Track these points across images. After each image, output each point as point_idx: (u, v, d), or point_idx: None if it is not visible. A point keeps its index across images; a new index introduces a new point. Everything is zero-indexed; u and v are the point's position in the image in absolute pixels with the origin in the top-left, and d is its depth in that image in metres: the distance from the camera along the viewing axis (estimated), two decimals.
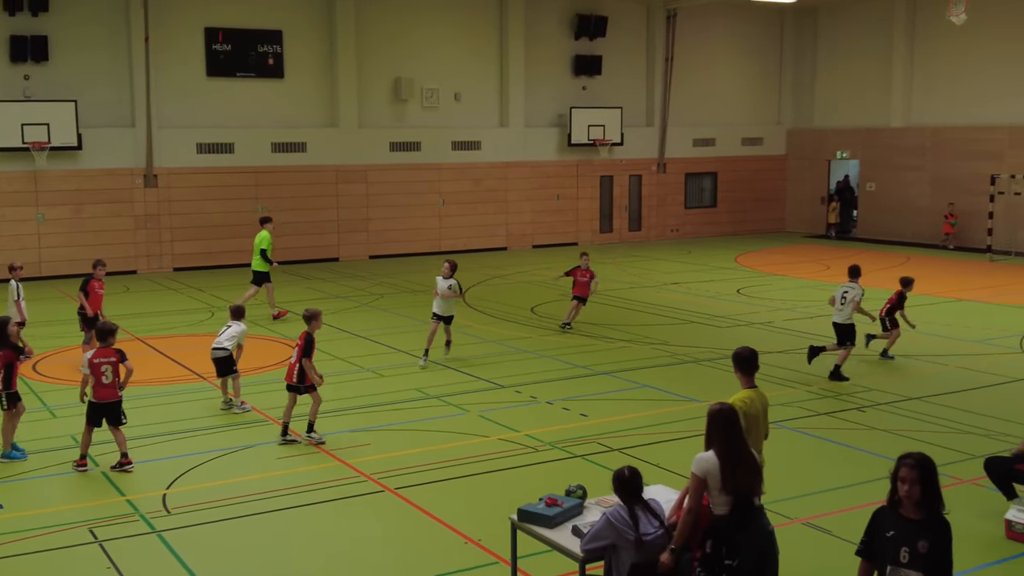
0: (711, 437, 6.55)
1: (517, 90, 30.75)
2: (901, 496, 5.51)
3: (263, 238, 19.44)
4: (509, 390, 13.82)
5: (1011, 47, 28.71)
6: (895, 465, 5.60)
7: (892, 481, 5.59)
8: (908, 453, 5.61)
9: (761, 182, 35.58)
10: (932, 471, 5.51)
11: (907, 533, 5.47)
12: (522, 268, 26.77)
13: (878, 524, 5.66)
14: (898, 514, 5.55)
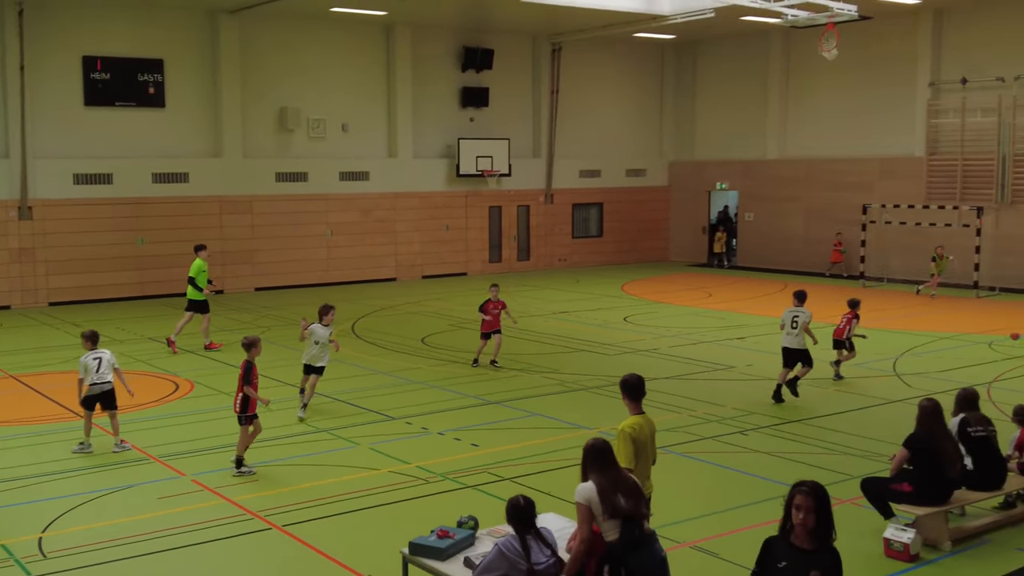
0: (586, 469, 6.76)
1: (405, 121, 30.78)
2: (795, 524, 5.47)
3: (197, 267, 19.26)
4: (400, 422, 13.73)
5: (880, 82, 30.07)
6: (789, 493, 5.55)
7: (786, 509, 5.54)
8: (802, 481, 5.56)
9: (645, 212, 36.34)
10: (826, 500, 5.49)
11: (800, 563, 5.44)
12: (411, 299, 26.69)
13: (769, 554, 5.61)
14: (790, 543, 5.52)
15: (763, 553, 5.65)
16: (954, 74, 28.32)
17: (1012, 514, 9.74)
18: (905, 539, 8.78)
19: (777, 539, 5.61)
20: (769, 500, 10.29)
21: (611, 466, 6.74)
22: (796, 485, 5.53)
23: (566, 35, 32.48)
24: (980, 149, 27.88)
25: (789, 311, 15.10)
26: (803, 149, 32.61)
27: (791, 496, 5.51)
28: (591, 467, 6.72)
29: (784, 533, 5.56)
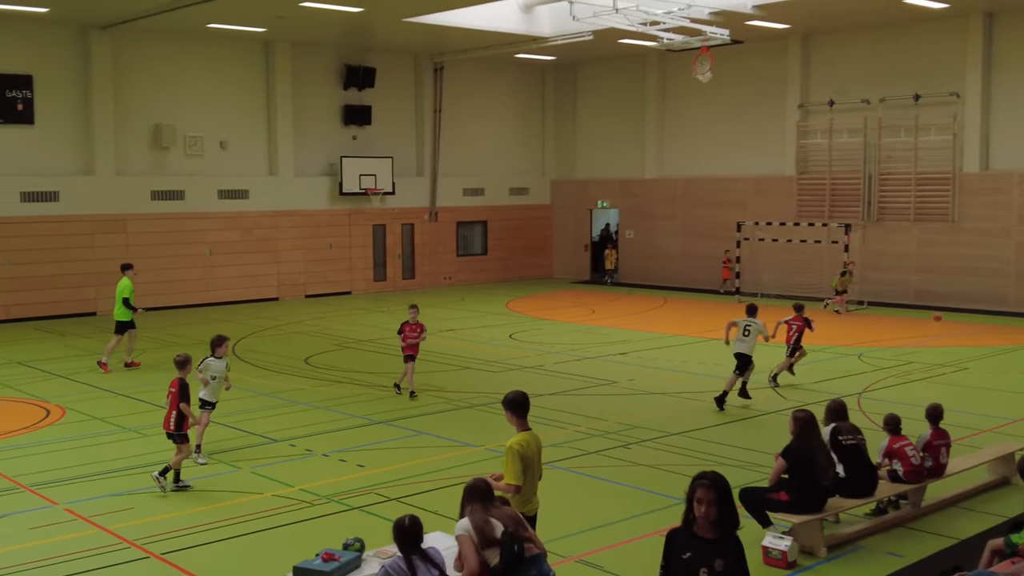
0: (463, 506, 6.92)
1: (286, 139, 30.40)
2: (697, 516, 5.52)
3: (124, 286, 18.98)
4: (283, 444, 13.51)
5: (752, 104, 31.10)
6: (690, 486, 5.59)
7: (687, 502, 5.58)
8: (703, 473, 5.62)
9: (529, 230, 36.69)
10: (727, 490, 5.57)
11: (704, 553, 5.50)
12: (295, 318, 26.31)
13: (673, 546, 5.64)
14: (693, 535, 5.57)
15: (668, 546, 5.68)
16: (822, 96, 29.48)
17: (883, 520, 10.13)
18: (782, 547, 9.04)
19: (680, 531, 5.66)
20: (652, 512, 10.50)
21: (488, 501, 6.91)
22: (697, 477, 5.58)
23: (448, 55, 32.63)
24: (847, 168, 29.07)
25: (743, 321, 15.98)
26: (680, 168, 33.45)
27: (692, 489, 5.56)
28: (468, 503, 6.89)
29: (687, 524, 5.61)
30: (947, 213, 27.16)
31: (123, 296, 18.95)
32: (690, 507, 5.56)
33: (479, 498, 6.89)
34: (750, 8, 24.94)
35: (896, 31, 27.73)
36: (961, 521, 10.25)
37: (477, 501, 6.87)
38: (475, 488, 6.95)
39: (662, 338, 22.62)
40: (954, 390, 16.59)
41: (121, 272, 19.40)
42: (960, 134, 26.81)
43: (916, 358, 19.57)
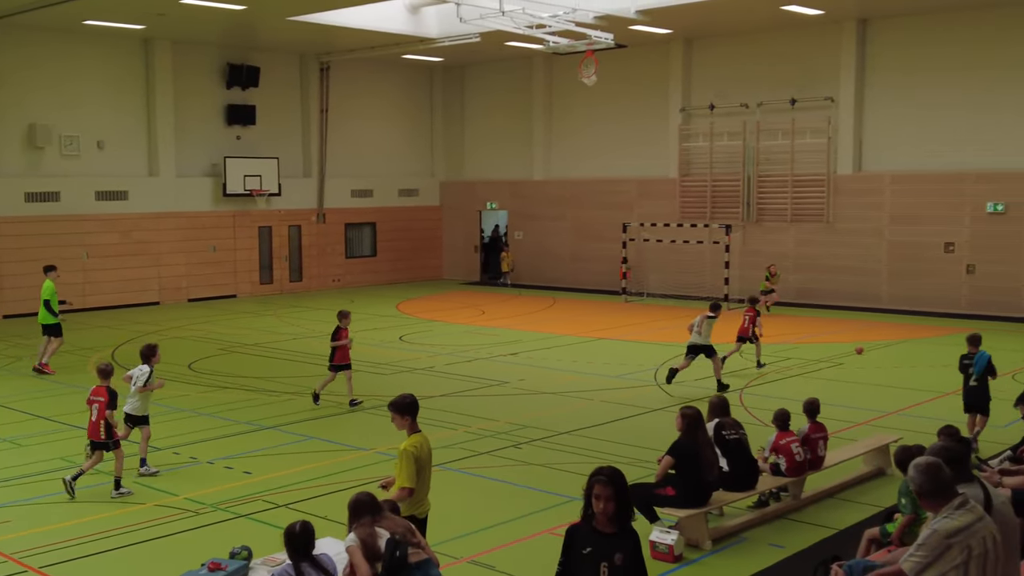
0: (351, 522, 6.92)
1: (167, 139, 29.64)
2: (596, 512, 5.56)
3: (47, 288, 18.68)
4: (166, 452, 13.17)
5: (637, 107, 31.65)
6: (588, 482, 5.63)
7: (586, 498, 5.62)
8: (600, 469, 5.66)
9: (418, 231, 36.59)
10: (624, 485, 5.64)
11: (604, 548, 5.53)
12: (177, 323, 25.67)
13: (574, 542, 5.67)
14: (593, 529, 5.60)
15: (567, 542, 5.71)
16: (703, 100, 30.21)
17: (765, 512, 10.46)
18: (669, 541, 9.25)
19: (579, 526, 5.69)
20: (544, 511, 10.60)
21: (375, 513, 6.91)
22: (594, 474, 5.62)
23: (335, 54, 32.30)
24: (727, 171, 29.85)
25: (698, 318, 17.40)
26: (568, 170, 33.83)
27: (590, 485, 5.59)
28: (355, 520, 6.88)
29: (586, 520, 5.64)
30: (822, 214, 28.14)
31: (45, 298, 18.66)
32: (588, 503, 5.60)
33: (365, 512, 6.87)
34: (633, 13, 25.42)
35: (773, 37, 28.61)
36: (839, 512, 10.65)
37: (364, 515, 6.85)
38: (360, 503, 6.93)
39: (552, 338, 22.85)
40: (831, 385, 17.21)
41: (44, 274, 19.05)
42: (834, 137, 27.81)
43: (795, 354, 20.22)
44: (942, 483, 5.44)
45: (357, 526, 6.81)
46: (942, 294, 26.10)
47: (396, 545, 6.66)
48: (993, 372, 13.10)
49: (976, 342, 13.32)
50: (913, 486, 5.54)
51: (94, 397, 11.47)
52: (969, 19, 25.44)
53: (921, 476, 5.46)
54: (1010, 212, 25.05)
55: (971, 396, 13.10)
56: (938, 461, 5.57)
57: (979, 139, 25.52)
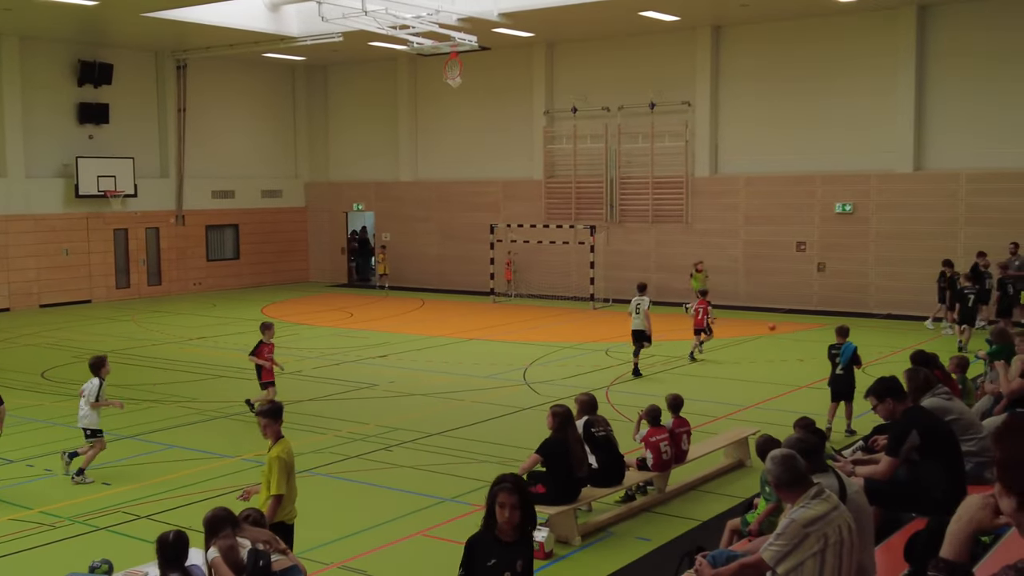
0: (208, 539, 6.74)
1: (15, 138, 28.33)
2: (501, 522, 5.50)
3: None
4: (20, 464, 12.62)
5: (502, 109, 31.89)
6: (491, 491, 5.56)
7: (488, 507, 5.55)
8: (503, 476, 5.61)
9: (283, 233, 35.97)
10: (527, 492, 5.64)
11: (507, 557, 5.51)
12: (28, 330, 24.56)
13: (476, 554, 5.58)
14: (496, 539, 5.54)
15: (469, 555, 5.62)
16: (566, 103, 30.65)
17: (632, 506, 10.71)
18: (539, 538, 9.35)
19: (481, 536, 5.62)
20: (415, 513, 10.60)
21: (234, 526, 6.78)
22: (497, 482, 5.56)
23: (192, 52, 31.43)
24: (591, 173, 30.38)
25: (633, 299, 18.33)
26: (434, 171, 33.82)
27: (493, 494, 5.53)
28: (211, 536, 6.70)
29: (487, 529, 5.57)
30: (681, 215, 28.94)
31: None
32: (492, 512, 5.54)
33: (225, 526, 6.71)
34: (496, 16, 25.61)
35: (633, 42, 29.26)
36: (702, 504, 10.99)
37: (224, 529, 6.69)
38: (217, 518, 6.76)
39: (421, 339, 22.81)
40: (692, 380, 17.73)
41: None
42: (691, 141, 28.63)
43: (657, 352, 20.72)
44: (798, 473, 5.68)
45: (216, 539, 6.65)
46: (795, 291, 27.18)
47: (259, 555, 6.58)
48: (859, 362, 13.76)
49: (844, 333, 14.00)
50: (770, 477, 5.77)
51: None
52: (816, 27, 26.59)
53: (778, 468, 5.70)
54: (858, 212, 26.29)
55: (837, 384, 13.79)
56: (793, 453, 5.82)
57: (827, 142, 26.68)
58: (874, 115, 25.96)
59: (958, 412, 8.63)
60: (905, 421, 7.96)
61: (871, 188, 26.13)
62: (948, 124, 25.18)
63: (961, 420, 8.53)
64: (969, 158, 24.83)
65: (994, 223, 24.17)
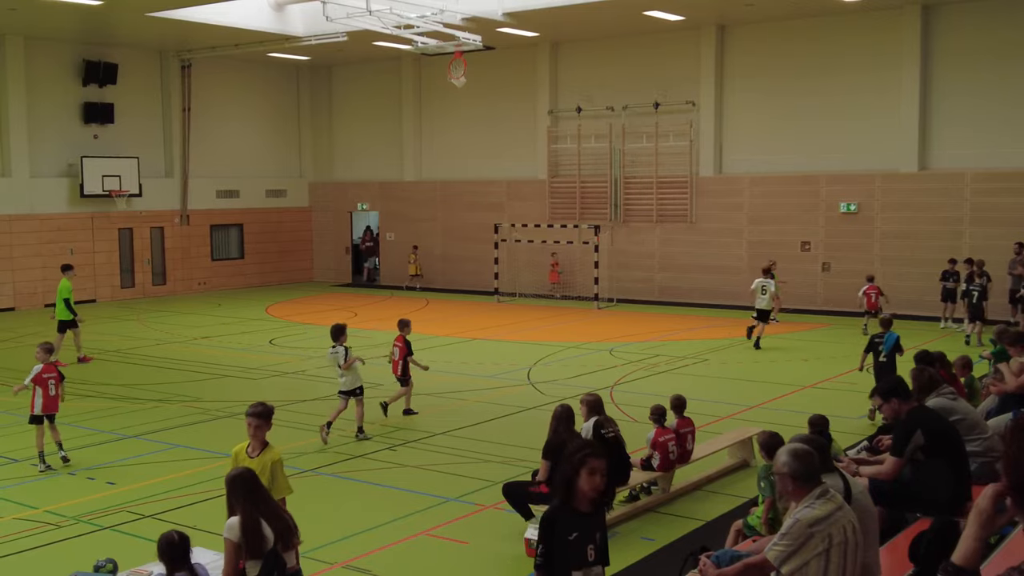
0: (232, 503, 6.48)
1: (19, 137, 28.38)
2: (589, 489, 5.27)
3: (64, 287, 19.82)
4: (25, 464, 12.65)
5: (506, 109, 31.89)
6: (572, 461, 5.30)
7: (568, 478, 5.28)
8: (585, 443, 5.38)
9: (287, 233, 36.00)
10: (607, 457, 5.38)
11: (588, 529, 5.31)
12: (33, 329, 24.58)
13: (557, 530, 5.29)
14: (574, 511, 5.29)
15: (548, 531, 5.33)
16: (570, 103, 30.65)
17: (636, 506, 10.69)
18: None
19: (558, 511, 5.37)
20: (420, 512, 10.60)
21: (260, 499, 6.49)
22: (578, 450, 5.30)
23: (196, 52, 31.47)
24: (595, 172, 30.37)
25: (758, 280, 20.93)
26: (438, 171, 33.83)
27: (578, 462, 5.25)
28: (238, 501, 6.42)
29: (565, 503, 5.33)
30: (686, 214, 28.92)
31: (63, 297, 19.73)
32: (569, 484, 5.28)
33: (247, 493, 6.43)
34: (501, 16, 25.61)
35: (637, 42, 29.25)
36: (707, 504, 10.98)
37: (244, 497, 6.41)
38: (239, 479, 6.48)
39: (425, 339, 22.77)
40: (696, 380, 17.72)
41: (62, 273, 20.41)
42: (696, 140, 28.61)
43: (662, 351, 20.73)
44: (814, 469, 5.66)
45: (241, 511, 6.35)
46: (800, 291, 27.15)
47: (276, 561, 6.43)
48: (901, 350, 14.61)
49: (887, 324, 14.97)
50: (787, 470, 5.71)
51: (46, 375, 12.57)
52: (821, 26, 26.56)
53: (796, 461, 5.65)
54: (862, 212, 26.26)
55: (881, 371, 14.12)
56: (810, 448, 5.80)
57: (831, 142, 26.66)
58: (879, 115, 25.93)
59: (963, 412, 8.61)
60: (910, 421, 7.94)
61: (876, 188, 26.10)
62: (953, 124, 25.15)
63: (966, 420, 8.52)
64: (974, 158, 24.80)
65: (999, 223, 24.16)
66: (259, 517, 6.38)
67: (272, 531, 6.41)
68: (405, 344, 15.10)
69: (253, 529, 6.34)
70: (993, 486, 3.63)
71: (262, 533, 6.36)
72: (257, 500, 6.45)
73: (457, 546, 9.71)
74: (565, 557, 5.26)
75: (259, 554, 6.36)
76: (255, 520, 6.36)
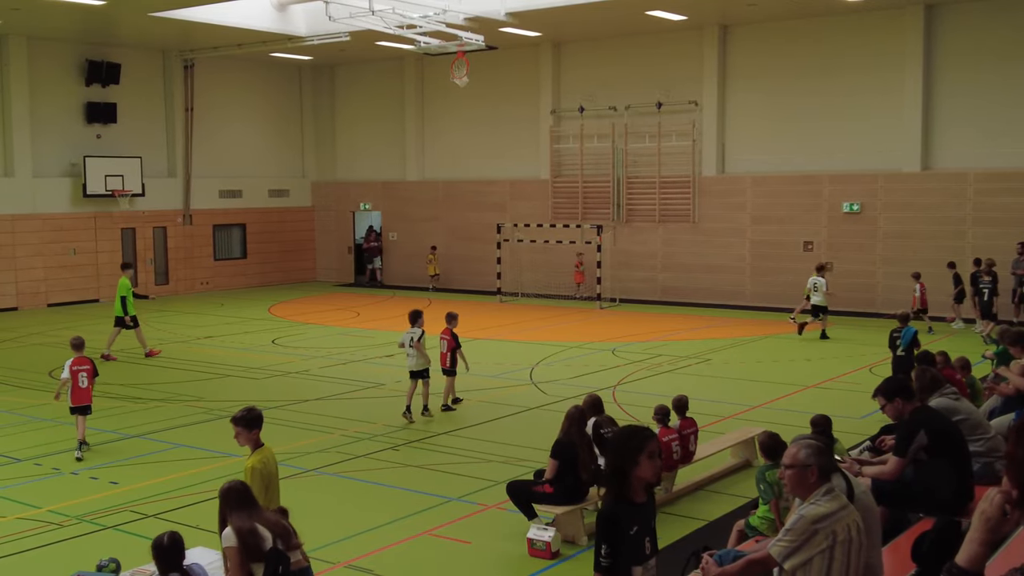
0: (224, 514, 6.49)
1: (22, 137, 28.40)
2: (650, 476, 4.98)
3: (123, 285, 20.51)
4: (28, 463, 12.65)
5: (508, 108, 31.88)
6: (628, 448, 4.97)
7: (620, 468, 4.95)
8: (640, 428, 5.01)
9: (290, 233, 36.01)
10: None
11: (645, 520, 5.08)
12: (36, 329, 24.64)
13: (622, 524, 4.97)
14: (630, 503, 4.99)
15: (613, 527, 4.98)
16: (573, 103, 30.64)
17: None
18: (546, 538, 9.37)
19: (615, 507, 5.05)
20: (422, 512, 10.60)
21: (251, 507, 6.52)
22: (633, 435, 5.02)
23: (199, 52, 31.50)
24: (598, 172, 30.36)
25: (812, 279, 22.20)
26: (441, 171, 33.83)
27: (635, 449, 4.93)
28: (230, 512, 6.47)
29: (620, 496, 5.00)
30: (688, 214, 28.90)
31: (120, 295, 20.38)
32: (623, 474, 4.94)
33: (239, 501, 6.49)
34: (503, 15, 25.60)
35: (639, 41, 29.23)
36: (709, 504, 10.98)
37: (236, 508, 6.46)
38: (233, 491, 6.52)
39: (427, 339, 22.75)
40: (699, 380, 17.71)
41: (121, 271, 21.51)
42: (699, 140, 28.59)
43: (664, 351, 20.72)
44: (829, 465, 5.65)
45: (234, 519, 6.43)
46: (802, 291, 27.09)
47: (279, 558, 6.44)
48: (918, 344, 15.06)
49: (905, 319, 15.60)
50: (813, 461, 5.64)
51: (78, 367, 12.95)
52: (824, 26, 26.53)
53: (816, 456, 5.63)
54: (865, 212, 26.24)
55: (899, 366, 14.47)
56: (825, 444, 5.79)
57: (834, 142, 26.62)
58: (882, 114, 25.90)
59: (966, 412, 8.60)
60: (913, 421, 7.93)
61: (878, 188, 26.08)
62: (956, 123, 25.12)
63: (969, 420, 8.51)
64: (977, 157, 24.77)
65: (1002, 223, 24.13)
66: (253, 522, 6.40)
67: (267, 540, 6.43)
68: (452, 337, 15.61)
69: (249, 530, 6.35)
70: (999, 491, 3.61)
71: (259, 534, 6.36)
72: (250, 509, 6.48)
73: (460, 546, 9.71)
74: (629, 553, 4.95)
75: (260, 556, 6.35)
76: (249, 523, 6.37)
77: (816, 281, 22.38)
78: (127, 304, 20.39)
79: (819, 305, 22.29)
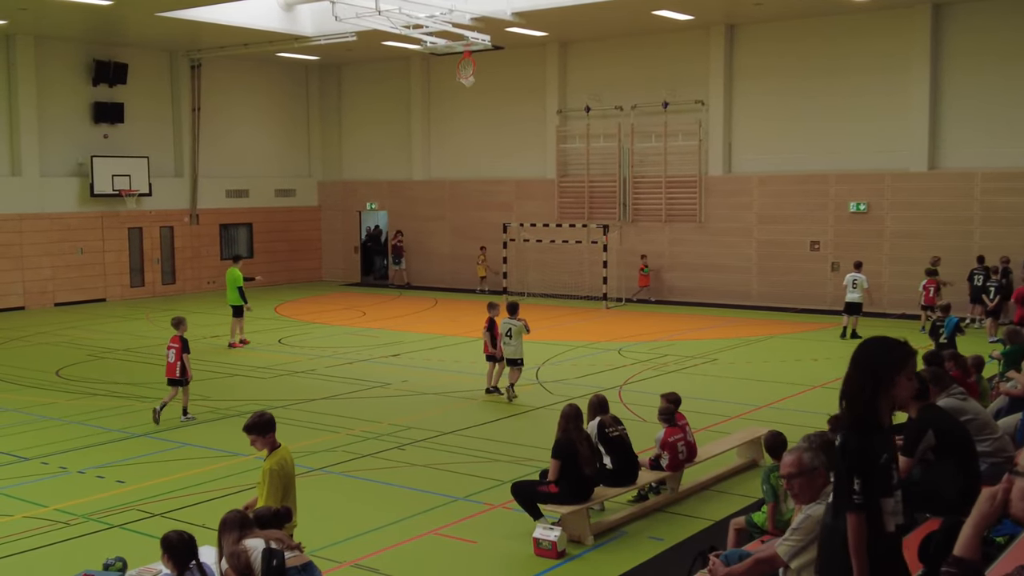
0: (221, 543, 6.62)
1: (30, 137, 28.47)
2: (906, 396, 4.57)
3: (234, 275, 22.36)
4: (34, 462, 12.68)
5: (514, 108, 31.87)
6: (896, 358, 4.46)
7: (880, 387, 4.43)
8: (902, 341, 4.57)
9: (296, 232, 36.04)
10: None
11: (890, 445, 4.57)
12: (43, 328, 24.69)
13: (875, 451, 4.47)
14: (878, 429, 4.50)
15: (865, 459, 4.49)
16: (579, 102, 30.61)
17: (645, 506, 10.68)
18: (552, 537, 9.36)
19: (867, 434, 4.52)
20: (428, 511, 10.60)
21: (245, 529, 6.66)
22: (894, 348, 4.50)
23: (206, 51, 31.53)
24: (604, 172, 30.34)
25: (850, 275, 22.02)
26: (447, 170, 33.83)
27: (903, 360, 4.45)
28: (226, 542, 6.59)
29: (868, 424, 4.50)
30: (695, 214, 28.87)
31: (236, 285, 22.17)
32: (877, 395, 4.45)
33: (234, 529, 6.61)
34: (509, 15, 25.59)
35: (646, 41, 29.20)
36: (715, 504, 10.96)
37: (234, 532, 6.60)
38: (228, 522, 6.67)
39: (434, 339, 22.83)
40: (705, 380, 17.68)
41: (233, 263, 23.30)
42: (705, 140, 28.55)
43: (670, 351, 20.70)
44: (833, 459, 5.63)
45: (225, 541, 6.58)
46: (809, 291, 27.09)
47: (272, 554, 6.52)
48: (961, 331, 16.59)
49: (947, 309, 16.85)
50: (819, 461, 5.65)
51: (171, 344, 14.62)
52: (831, 25, 26.48)
53: (819, 455, 5.61)
54: (872, 211, 26.18)
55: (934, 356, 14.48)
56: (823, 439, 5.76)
57: (841, 141, 26.57)
58: (888, 114, 25.85)
59: (973, 412, 8.57)
60: (921, 421, 7.91)
61: (885, 187, 26.02)
62: (963, 123, 25.06)
63: (976, 420, 8.48)
64: (984, 157, 24.71)
65: (1009, 222, 24.07)
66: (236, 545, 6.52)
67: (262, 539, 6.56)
68: (493, 325, 16.42)
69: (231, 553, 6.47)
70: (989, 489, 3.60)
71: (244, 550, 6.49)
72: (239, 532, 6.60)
73: (465, 545, 9.70)
74: (878, 485, 4.47)
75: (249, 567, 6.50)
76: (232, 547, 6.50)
77: (856, 277, 22.15)
78: (243, 292, 22.04)
79: (853, 302, 22.16)
